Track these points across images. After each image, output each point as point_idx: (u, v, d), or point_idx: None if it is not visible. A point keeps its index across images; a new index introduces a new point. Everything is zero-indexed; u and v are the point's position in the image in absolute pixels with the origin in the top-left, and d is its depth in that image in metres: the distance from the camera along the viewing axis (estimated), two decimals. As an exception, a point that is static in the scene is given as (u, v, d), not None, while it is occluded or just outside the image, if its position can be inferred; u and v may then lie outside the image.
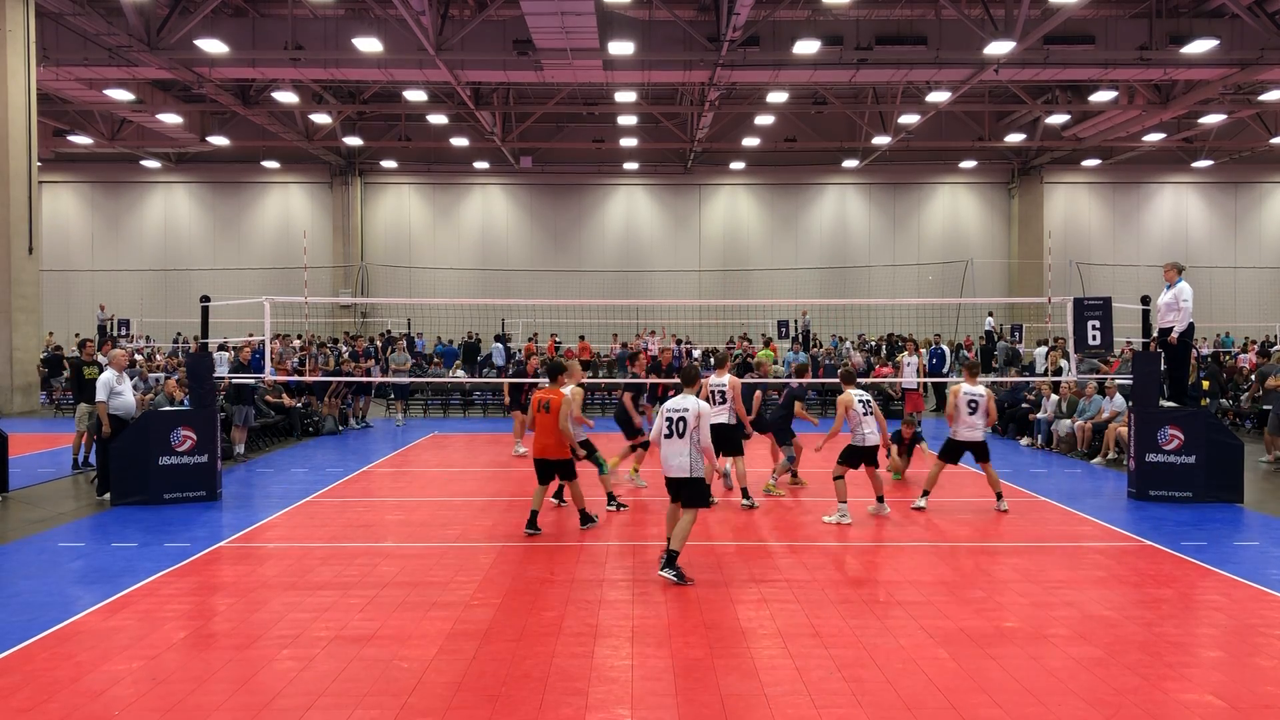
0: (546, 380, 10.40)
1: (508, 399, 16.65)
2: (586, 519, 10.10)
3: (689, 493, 8.10)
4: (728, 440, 11.09)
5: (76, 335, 27.87)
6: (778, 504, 11.57)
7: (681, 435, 7.98)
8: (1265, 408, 15.55)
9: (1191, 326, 12.71)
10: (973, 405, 10.88)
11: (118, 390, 11.87)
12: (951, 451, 11.18)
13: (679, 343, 29.50)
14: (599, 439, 11.38)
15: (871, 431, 10.37)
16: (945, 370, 22.38)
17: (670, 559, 7.96)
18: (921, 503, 11.08)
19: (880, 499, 10.65)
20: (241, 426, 15.61)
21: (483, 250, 39.08)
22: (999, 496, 10.99)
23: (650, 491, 12.53)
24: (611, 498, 11.06)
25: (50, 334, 31.98)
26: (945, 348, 23.69)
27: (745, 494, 11.30)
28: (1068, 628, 6.91)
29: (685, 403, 8.11)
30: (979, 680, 5.91)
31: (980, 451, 10.97)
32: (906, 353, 20.58)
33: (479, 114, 30.06)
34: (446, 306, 34.70)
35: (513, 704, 5.55)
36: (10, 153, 21.04)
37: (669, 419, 8.08)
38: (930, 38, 23.01)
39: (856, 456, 10.46)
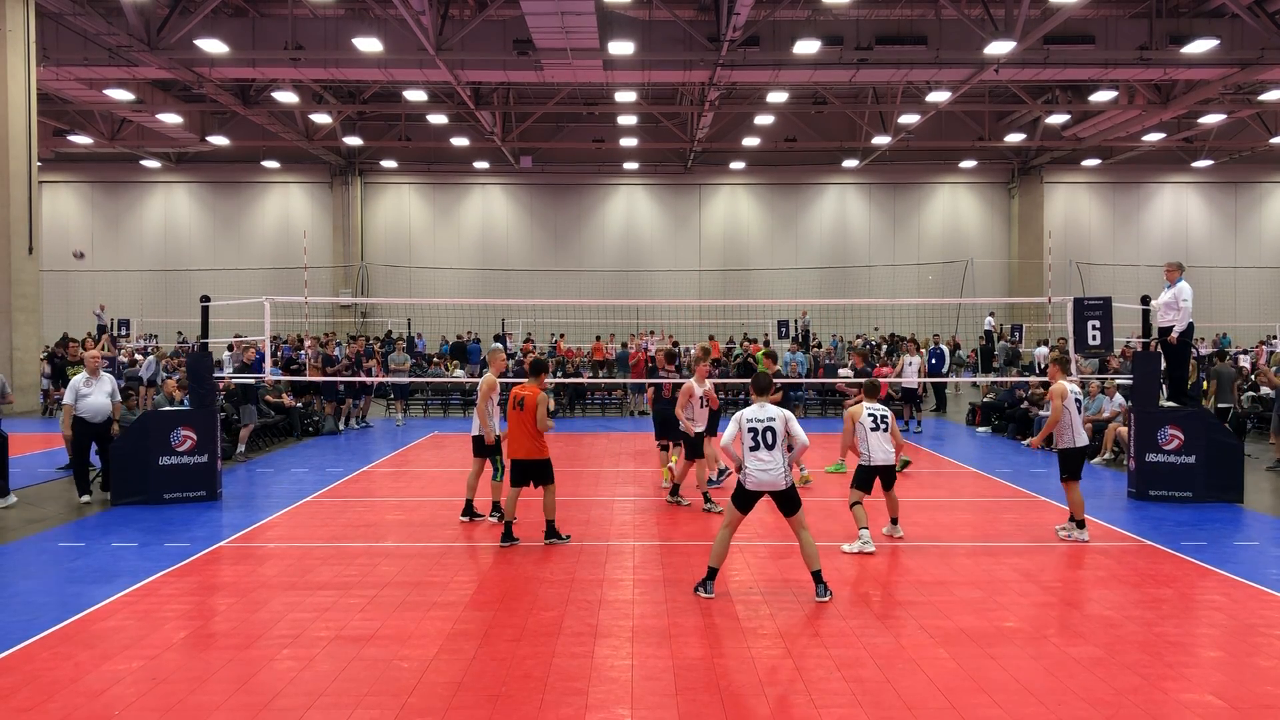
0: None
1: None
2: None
3: (790, 503, 7.58)
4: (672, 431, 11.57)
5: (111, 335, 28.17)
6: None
7: (771, 446, 7.52)
8: (1222, 405, 15.72)
9: (1191, 326, 12.73)
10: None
11: (84, 393, 11.62)
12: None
13: (676, 344, 29.37)
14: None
15: (879, 448, 9.44)
16: (945, 370, 22.43)
17: (818, 577, 7.63)
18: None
19: (894, 520, 9.88)
20: (249, 425, 15.63)
21: (483, 250, 39.09)
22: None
23: (650, 492, 12.51)
24: (496, 506, 10.37)
25: (89, 334, 31.90)
26: (944, 348, 23.74)
27: (676, 490, 11.59)
28: (1068, 628, 6.92)
29: (769, 411, 7.65)
30: (979, 680, 5.91)
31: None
32: (907, 353, 20.58)
33: (479, 114, 30.06)
34: (446, 306, 34.71)
35: (513, 704, 5.55)
36: (10, 153, 21.02)
37: (753, 430, 7.52)
38: (930, 38, 23.02)
39: (868, 479, 9.50)
